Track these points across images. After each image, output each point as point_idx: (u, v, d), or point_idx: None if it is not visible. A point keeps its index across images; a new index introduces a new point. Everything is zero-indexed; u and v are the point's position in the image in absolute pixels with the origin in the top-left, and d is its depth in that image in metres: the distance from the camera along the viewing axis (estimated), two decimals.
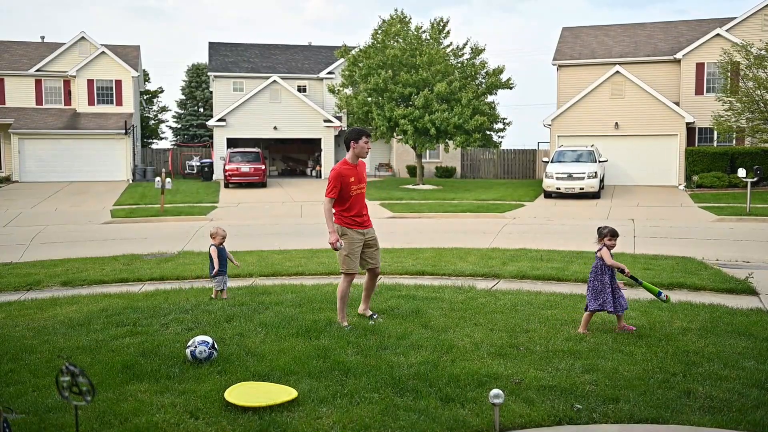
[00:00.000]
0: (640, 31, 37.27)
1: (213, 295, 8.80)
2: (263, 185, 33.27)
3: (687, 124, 31.34)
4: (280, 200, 28.38)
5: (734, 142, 31.56)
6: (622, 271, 6.91)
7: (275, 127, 37.51)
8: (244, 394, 4.98)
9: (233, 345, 6.36)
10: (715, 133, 31.28)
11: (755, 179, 23.19)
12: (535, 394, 5.12)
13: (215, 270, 8.64)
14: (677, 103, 32.08)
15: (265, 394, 4.99)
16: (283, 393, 5.01)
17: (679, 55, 33.05)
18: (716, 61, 31.10)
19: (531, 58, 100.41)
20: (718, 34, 32.07)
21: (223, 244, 8.72)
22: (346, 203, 7.11)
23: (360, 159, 7.30)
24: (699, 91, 32.77)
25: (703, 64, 32.62)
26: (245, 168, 32.99)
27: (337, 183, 6.99)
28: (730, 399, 5.02)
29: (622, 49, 35.47)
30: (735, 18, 33.20)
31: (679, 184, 30.77)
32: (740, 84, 28.71)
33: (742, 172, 23.07)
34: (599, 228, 7.21)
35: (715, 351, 6.21)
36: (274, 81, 37.40)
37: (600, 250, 7.06)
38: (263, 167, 33.43)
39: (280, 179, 37.83)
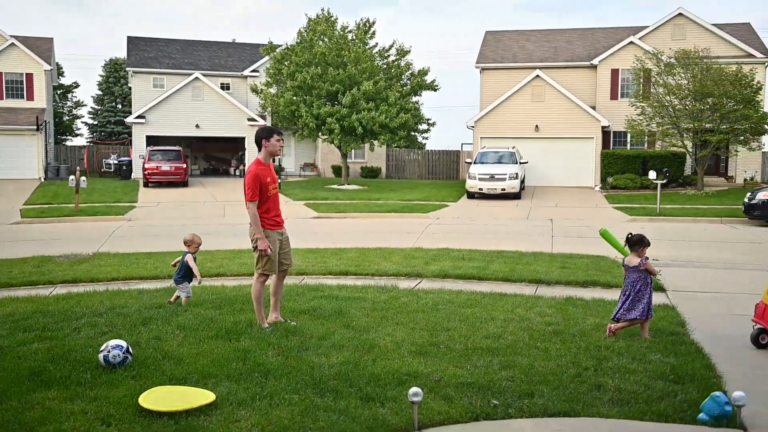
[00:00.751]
0: (560, 36, 38.42)
1: (172, 299, 8.30)
2: (185, 184, 32.55)
3: (603, 127, 32.49)
4: (203, 200, 27.85)
5: (646, 145, 32.92)
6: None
7: (197, 125, 36.75)
8: (160, 398, 4.86)
9: (149, 348, 6.20)
10: (629, 136, 32.54)
11: (665, 181, 24.25)
12: (453, 391, 5.20)
13: (180, 275, 8.17)
14: (593, 107, 33.21)
15: (182, 398, 4.88)
16: (201, 396, 4.92)
17: (595, 61, 34.22)
18: (630, 67, 32.38)
19: (456, 61, 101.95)
20: (631, 42, 33.37)
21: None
22: (265, 205, 6.96)
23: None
24: (614, 96, 34.03)
25: (617, 70, 33.88)
26: (166, 167, 32.19)
27: (256, 185, 6.82)
28: (637, 391, 5.24)
29: (542, 54, 36.45)
30: (647, 27, 34.65)
31: (595, 186, 31.85)
32: (651, 90, 29.98)
33: (652, 175, 24.09)
34: (639, 236, 6.95)
35: (624, 346, 6.46)
36: (197, 78, 36.64)
37: (644, 261, 6.84)
38: (185, 166, 32.70)
39: (203, 178, 37.10)
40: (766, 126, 27.99)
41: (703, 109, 27.77)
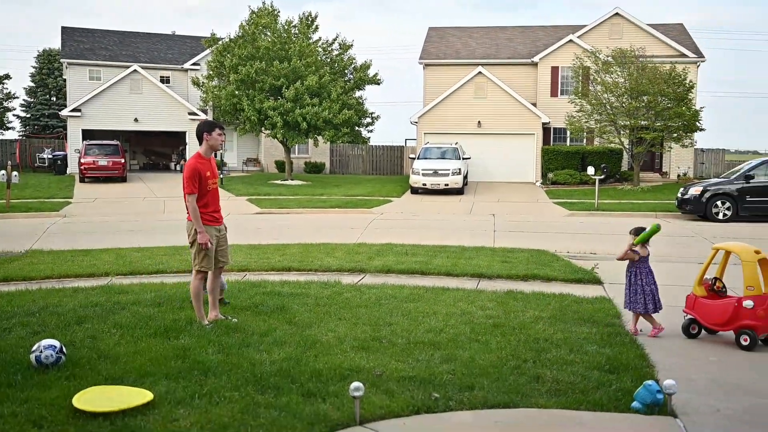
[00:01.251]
0: (502, 34, 38.93)
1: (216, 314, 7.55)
2: (123, 180, 31.77)
3: (543, 124, 33.09)
4: (142, 195, 27.24)
5: (585, 141, 33.69)
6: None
7: (136, 119, 35.91)
8: (95, 399, 4.74)
9: (84, 348, 6.04)
10: (568, 133, 33.23)
11: (603, 176, 24.87)
12: (395, 386, 5.23)
13: None
14: (534, 104, 33.78)
15: (118, 398, 4.77)
16: (138, 396, 4.81)
17: (536, 59, 34.80)
18: (569, 65, 33.07)
19: (401, 56, 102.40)
20: (571, 40, 34.06)
21: None
22: (204, 199, 6.86)
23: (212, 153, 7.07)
24: (554, 93, 34.69)
25: (557, 67, 34.54)
26: (103, 161, 31.35)
27: (195, 178, 6.73)
28: (574, 381, 5.36)
29: (484, 51, 36.87)
30: (586, 26, 35.43)
31: (536, 181, 32.43)
32: (590, 87, 30.68)
33: (591, 170, 24.67)
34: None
35: (562, 337, 6.60)
36: (135, 70, 35.77)
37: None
38: (123, 161, 31.91)
39: (142, 174, 36.28)
40: (698, 124, 28.98)
41: (639, 107, 28.56)
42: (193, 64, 39.72)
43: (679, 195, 21.26)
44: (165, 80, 39.02)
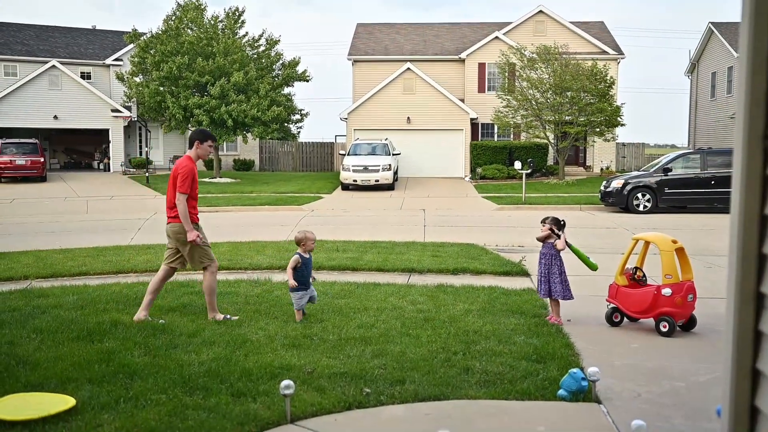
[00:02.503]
0: (429, 30, 39.28)
1: (299, 318, 7.10)
2: (43, 179, 30.58)
3: (471, 119, 33.58)
4: (63, 195, 26.27)
5: (512, 136, 34.38)
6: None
7: (56, 117, 34.61)
8: (12, 407, 4.55)
9: (1, 355, 5.78)
10: (496, 128, 33.85)
11: (529, 171, 25.43)
12: (326, 382, 5.21)
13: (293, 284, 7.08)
14: (463, 100, 34.25)
15: (38, 405, 4.59)
16: (59, 402, 4.64)
17: (463, 55, 35.27)
18: (495, 61, 33.65)
19: (330, 53, 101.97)
20: (496, 37, 34.68)
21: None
22: (192, 201, 7.13)
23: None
24: (481, 89, 35.26)
25: (484, 64, 35.10)
26: (21, 161, 30.10)
27: (189, 178, 6.99)
28: (503, 372, 5.46)
29: (412, 47, 37.13)
30: (512, 23, 36.13)
31: (465, 176, 32.90)
32: (516, 84, 31.32)
33: (518, 165, 25.19)
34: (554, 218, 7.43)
35: (491, 329, 6.72)
36: (54, 66, 34.45)
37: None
38: (42, 160, 30.71)
39: (63, 173, 34.99)
40: (619, 119, 29.98)
41: (563, 103, 29.32)
42: (116, 59, 38.55)
43: (602, 188, 21.93)
44: (86, 76, 37.73)
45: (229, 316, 7.15)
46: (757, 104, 2.12)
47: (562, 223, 7.42)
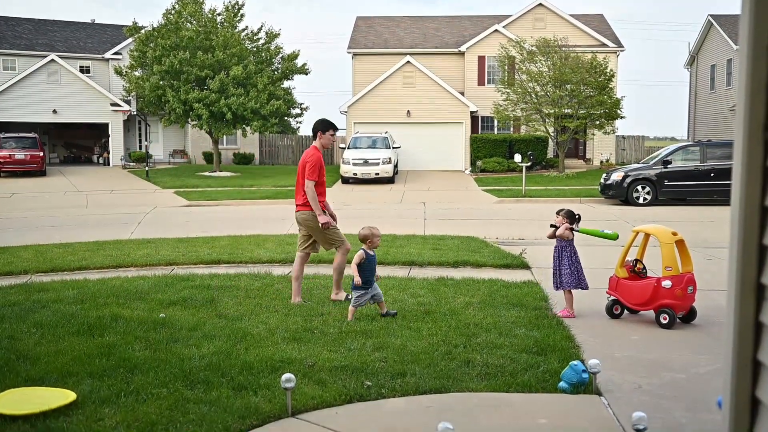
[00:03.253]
0: (429, 23, 39.20)
1: (350, 317, 6.86)
2: (42, 174, 30.58)
3: (471, 112, 33.53)
4: (62, 190, 26.26)
5: (512, 130, 34.33)
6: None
7: (55, 111, 34.58)
8: (14, 401, 4.55)
9: (2, 350, 5.79)
10: (496, 121, 33.79)
11: (529, 164, 25.41)
12: (327, 375, 5.22)
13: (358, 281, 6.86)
14: (462, 93, 34.19)
15: (39, 399, 4.60)
16: (60, 397, 4.65)
17: (463, 48, 35.20)
18: (495, 54, 33.57)
19: (330, 46, 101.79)
20: (496, 30, 34.59)
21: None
22: (320, 188, 7.48)
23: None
24: (481, 82, 35.19)
25: (484, 57, 35.03)
26: (20, 155, 30.10)
27: (317, 167, 7.38)
28: (504, 364, 5.47)
29: (412, 40, 37.05)
30: (511, 16, 36.03)
31: (465, 169, 32.87)
32: (516, 77, 31.25)
33: (518, 158, 25.16)
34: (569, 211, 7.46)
35: (492, 322, 6.72)
36: (53, 60, 34.39)
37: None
38: (41, 154, 30.71)
39: (63, 167, 34.98)
40: (618, 111, 29.93)
41: (563, 96, 29.27)
42: (115, 53, 38.47)
43: (602, 181, 21.92)
44: (85, 70, 37.67)
45: (350, 296, 7.25)
46: (757, 95, 2.11)
47: (576, 216, 7.43)
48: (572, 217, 7.39)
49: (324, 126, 7.65)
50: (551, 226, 7.49)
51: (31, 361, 5.52)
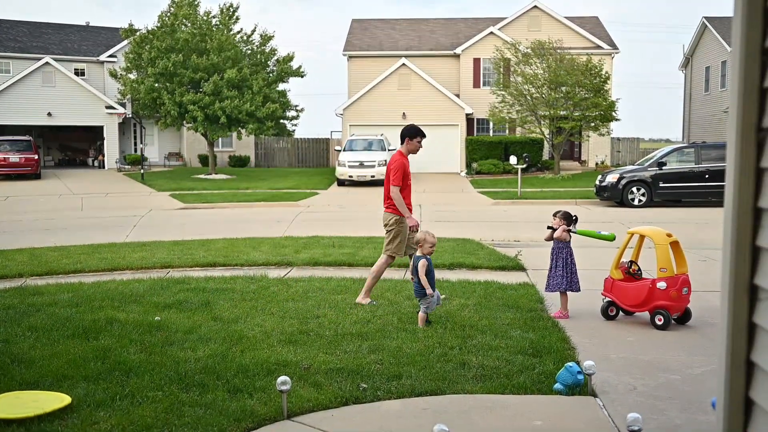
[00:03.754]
0: (424, 26, 39.25)
1: (421, 323, 6.67)
2: (37, 176, 30.52)
3: (467, 115, 33.57)
4: (57, 193, 26.20)
5: (507, 132, 34.39)
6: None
7: (49, 114, 34.51)
8: (8, 405, 4.54)
9: None
10: (491, 123, 33.86)
11: (525, 166, 25.45)
12: (323, 378, 5.21)
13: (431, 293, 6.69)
14: (458, 95, 34.23)
15: (33, 403, 4.58)
16: (54, 400, 4.64)
17: (458, 51, 35.25)
18: (490, 57, 33.64)
19: (326, 48, 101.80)
20: (491, 32, 34.65)
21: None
22: (404, 191, 7.62)
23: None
24: (476, 84, 35.24)
25: (479, 59, 35.09)
26: (15, 158, 30.04)
27: (401, 173, 7.54)
28: (499, 366, 5.47)
29: (407, 43, 37.09)
30: (506, 18, 36.10)
31: (461, 171, 32.90)
32: (511, 79, 31.32)
33: (513, 160, 25.21)
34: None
35: (488, 324, 6.73)
36: (47, 63, 34.33)
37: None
38: (36, 157, 30.65)
39: (58, 170, 34.92)
40: (613, 113, 30.02)
41: (558, 98, 29.34)
42: (110, 56, 38.44)
43: (597, 182, 21.97)
44: (80, 73, 37.62)
45: (374, 302, 7.49)
46: (749, 97, 2.13)
47: (573, 218, 7.44)
48: (569, 219, 7.40)
49: (412, 132, 7.83)
50: (548, 227, 7.50)
51: (26, 364, 5.51)
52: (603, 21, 37.53)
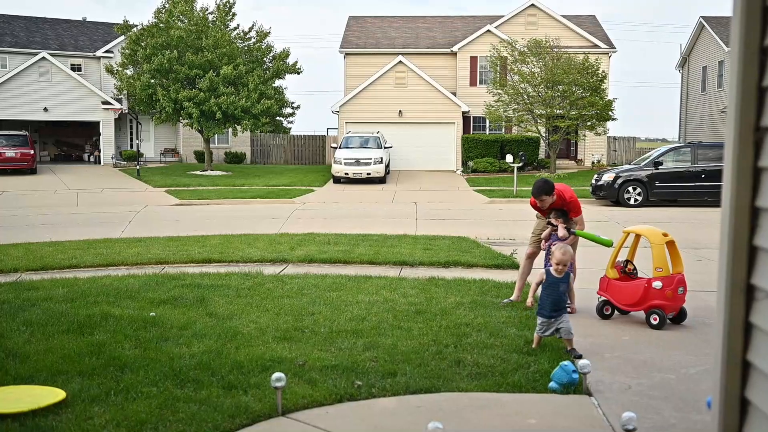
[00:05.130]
0: (421, 23, 39.22)
1: (534, 345, 5.98)
2: (33, 172, 30.41)
3: (463, 113, 33.57)
4: (53, 188, 26.13)
5: (504, 130, 34.38)
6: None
7: (46, 109, 34.39)
8: (2, 399, 4.54)
9: None
10: (487, 121, 33.85)
11: (521, 164, 25.47)
12: (318, 375, 5.21)
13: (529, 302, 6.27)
14: (454, 93, 34.21)
15: (28, 397, 4.57)
16: (49, 395, 4.63)
17: (455, 48, 35.23)
18: (487, 55, 33.62)
19: (322, 45, 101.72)
20: (488, 31, 34.64)
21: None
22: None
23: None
24: (473, 82, 35.22)
25: (476, 57, 35.07)
26: (10, 153, 29.92)
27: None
28: (494, 364, 5.47)
29: (404, 40, 37.06)
30: (503, 16, 36.09)
31: (457, 169, 32.91)
32: (507, 77, 31.31)
33: (509, 158, 25.21)
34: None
35: (483, 322, 6.73)
36: (44, 58, 34.20)
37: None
38: (32, 152, 30.53)
39: (54, 165, 34.81)
40: (610, 113, 30.04)
41: (554, 96, 29.35)
42: (106, 51, 38.31)
43: (593, 182, 21.98)
44: (76, 68, 37.49)
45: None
46: (748, 97, 2.12)
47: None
48: (565, 216, 7.40)
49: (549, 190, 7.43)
50: (548, 223, 7.47)
51: (21, 359, 5.49)
52: (600, 20, 37.53)
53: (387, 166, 29.08)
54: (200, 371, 5.24)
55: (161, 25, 31.42)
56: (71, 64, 37.18)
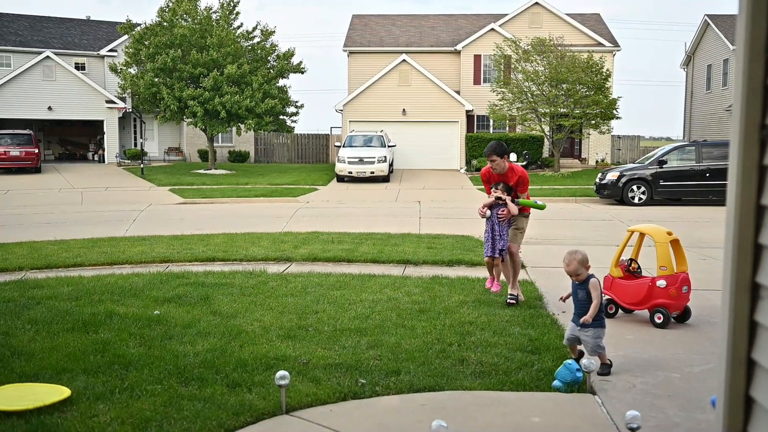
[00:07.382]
0: (424, 22, 39.20)
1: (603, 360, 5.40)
2: (37, 170, 30.51)
3: (467, 111, 33.54)
4: (57, 187, 26.19)
5: (507, 129, 34.36)
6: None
7: (50, 108, 34.48)
8: (7, 397, 4.54)
9: None
10: (491, 120, 33.82)
11: (525, 163, 25.47)
12: (321, 373, 5.22)
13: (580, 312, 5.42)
14: (458, 92, 34.20)
15: (33, 395, 4.59)
16: (54, 393, 4.64)
17: (459, 47, 35.20)
18: (491, 53, 33.59)
19: (326, 44, 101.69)
20: (492, 29, 34.60)
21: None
22: None
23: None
24: (477, 81, 35.21)
25: (480, 56, 35.05)
26: (15, 152, 30.01)
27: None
28: (498, 363, 5.47)
29: (408, 39, 37.04)
30: (507, 15, 36.05)
31: (461, 168, 32.89)
32: (511, 76, 31.28)
33: (513, 157, 25.19)
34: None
35: (487, 320, 6.73)
36: (48, 57, 34.30)
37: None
38: (36, 151, 30.62)
39: (58, 164, 34.88)
40: (614, 111, 29.99)
41: (559, 95, 29.31)
42: (110, 50, 38.39)
43: (597, 180, 21.95)
44: (80, 67, 37.57)
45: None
46: (754, 94, 2.12)
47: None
48: (510, 192, 7.53)
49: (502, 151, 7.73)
50: (497, 198, 7.50)
51: (26, 357, 5.51)
52: (604, 18, 37.50)
53: (391, 164, 29.08)
54: (204, 369, 5.25)
55: (165, 23, 31.47)
56: (75, 63, 37.25)
